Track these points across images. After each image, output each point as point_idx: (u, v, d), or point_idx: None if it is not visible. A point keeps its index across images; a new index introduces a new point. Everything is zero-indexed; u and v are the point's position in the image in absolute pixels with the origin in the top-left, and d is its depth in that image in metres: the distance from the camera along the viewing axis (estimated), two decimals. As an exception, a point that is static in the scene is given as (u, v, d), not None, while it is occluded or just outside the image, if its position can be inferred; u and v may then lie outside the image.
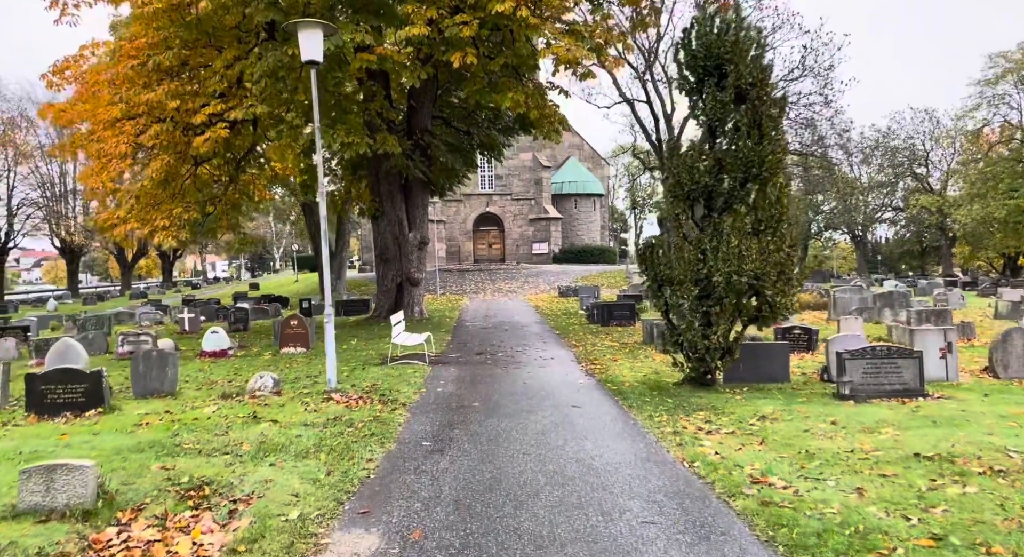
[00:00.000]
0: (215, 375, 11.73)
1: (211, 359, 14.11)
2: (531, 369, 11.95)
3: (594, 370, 11.76)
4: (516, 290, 35.79)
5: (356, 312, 24.91)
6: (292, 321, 14.95)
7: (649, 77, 39.44)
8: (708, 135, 9.67)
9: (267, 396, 9.07)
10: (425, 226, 21.20)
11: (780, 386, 10.08)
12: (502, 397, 9.33)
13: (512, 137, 22.46)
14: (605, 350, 14.27)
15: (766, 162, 9.09)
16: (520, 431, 7.29)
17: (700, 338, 9.49)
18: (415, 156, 19.49)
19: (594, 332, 17.74)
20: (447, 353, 14.34)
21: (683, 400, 9.03)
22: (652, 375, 11.06)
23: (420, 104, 19.81)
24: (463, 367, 12.30)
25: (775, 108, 9.26)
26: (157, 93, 14.28)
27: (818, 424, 7.43)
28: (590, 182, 55.03)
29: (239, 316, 20.06)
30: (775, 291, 9.24)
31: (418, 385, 10.29)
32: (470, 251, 53.36)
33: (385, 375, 11.23)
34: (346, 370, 11.92)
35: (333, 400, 8.87)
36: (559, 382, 10.59)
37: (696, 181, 9.39)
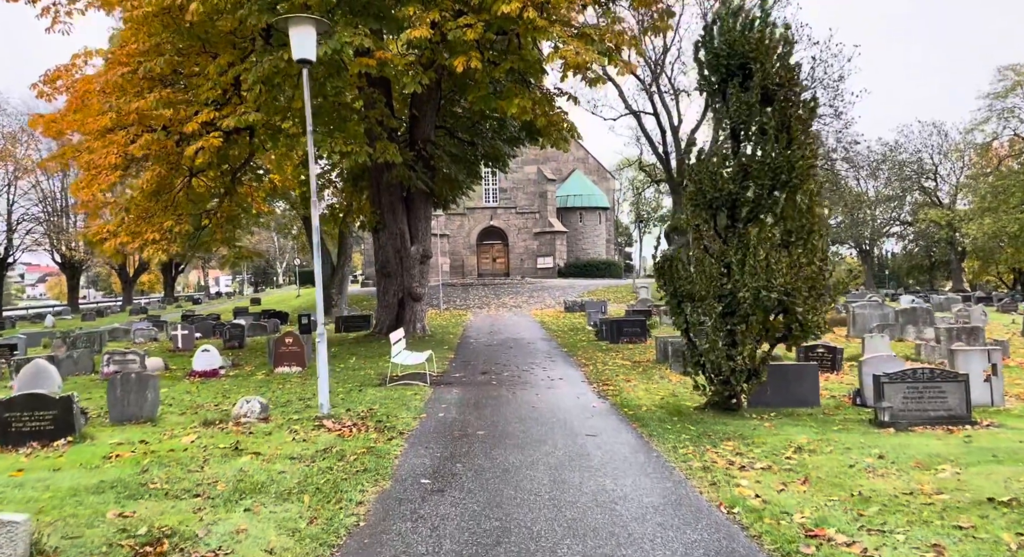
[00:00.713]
0: (202, 397, 10.99)
1: (201, 379, 13.37)
2: (539, 391, 11.19)
3: (607, 392, 10.98)
4: (521, 305, 35.04)
5: (357, 328, 24.19)
6: (287, 339, 14.22)
7: (656, 89, 38.97)
8: (732, 139, 8.97)
9: (253, 423, 8.31)
10: (428, 239, 20.52)
11: (810, 411, 9.30)
12: (509, 423, 8.56)
13: (517, 147, 21.83)
14: (617, 369, 13.49)
15: (796, 168, 8.37)
16: (531, 466, 6.52)
17: (724, 359, 8.72)
18: (417, 167, 18.84)
19: (604, 349, 16.96)
20: (450, 373, 13.57)
21: (707, 427, 8.25)
22: (670, 398, 10.28)
23: (423, 113, 19.19)
24: (467, 388, 11.53)
25: (804, 110, 8.56)
26: (147, 101, 13.67)
27: (863, 457, 6.65)
28: (595, 195, 54.42)
29: (234, 333, 19.35)
30: (806, 308, 8.49)
31: (418, 409, 9.53)
32: (474, 265, 52.69)
33: (383, 398, 10.47)
34: (342, 392, 11.17)
35: (325, 427, 8.12)
36: (570, 406, 9.82)
37: (720, 189, 8.67)
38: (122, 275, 62.15)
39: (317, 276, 8.58)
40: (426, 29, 11.97)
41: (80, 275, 57.38)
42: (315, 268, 8.50)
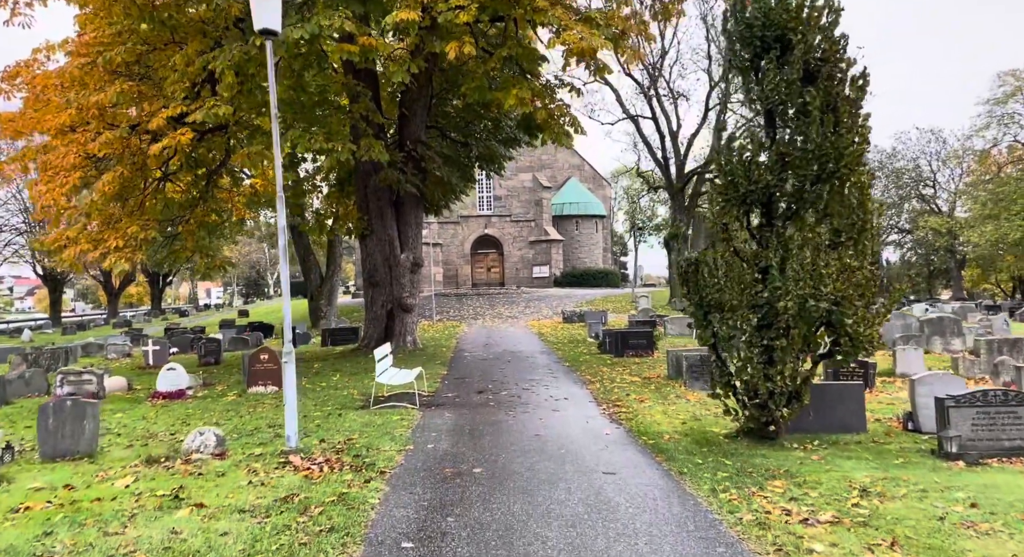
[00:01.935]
0: (159, 424, 9.64)
1: (164, 401, 12.02)
2: (543, 414, 9.89)
3: (619, 415, 9.69)
4: (517, 316, 33.75)
5: (344, 341, 22.84)
6: (262, 355, 12.89)
7: (654, 92, 37.94)
8: (766, 124, 7.75)
9: (206, 460, 6.99)
10: (419, 246, 19.25)
11: (857, 438, 8.04)
12: (511, 458, 7.26)
13: (514, 148, 20.62)
14: (627, 387, 12.21)
15: (844, 155, 7.16)
16: (541, 519, 5.23)
17: (761, 379, 7.47)
18: (407, 169, 17.59)
19: (609, 364, 15.69)
20: (442, 392, 12.26)
21: (744, 461, 6.97)
22: (693, 423, 9.00)
23: (412, 112, 17.97)
24: (461, 411, 10.23)
25: (853, 88, 7.35)
26: (108, 94, 12.40)
27: (950, 505, 5.39)
28: (591, 203, 53.31)
29: (210, 348, 17.98)
30: (856, 319, 7.25)
31: (404, 439, 8.21)
32: (468, 275, 51.41)
33: (365, 424, 9.15)
34: (319, 417, 9.85)
35: (291, 465, 6.80)
36: (580, 433, 8.52)
37: (755, 181, 7.44)
38: (107, 287, 60.61)
39: (284, 282, 7.28)
40: (414, 11, 10.75)
41: (62, 288, 55.73)
42: (281, 274, 7.23)
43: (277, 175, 7.27)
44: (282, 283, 7.22)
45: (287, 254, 7.24)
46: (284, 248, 7.25)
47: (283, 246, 7.26)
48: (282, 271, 7.24)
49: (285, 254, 7.25)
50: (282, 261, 7.25)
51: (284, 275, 7.25)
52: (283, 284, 7.26)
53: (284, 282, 7.27)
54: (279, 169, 7.26)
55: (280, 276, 7.25)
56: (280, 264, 7.25)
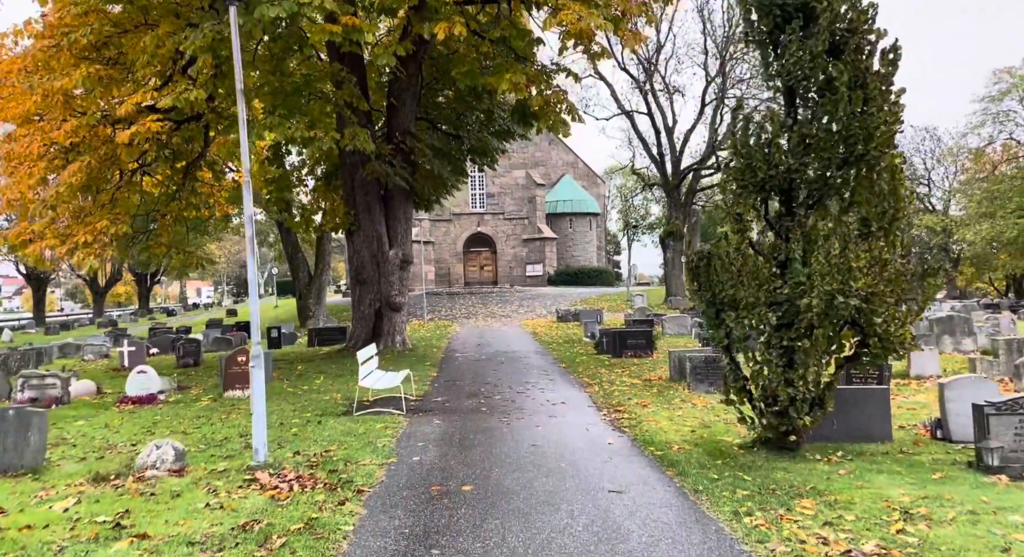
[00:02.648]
0: (121, 434, 8.85)
1: (133, 407, 11.23)
2: (539, 420, 9.15)
3: (622, 422, 8.97)
4: (510, 315, 33.02)
5: (332, 341, 22.04)
6: (239, 357, 12.10)
7: (649, 88, 37.24)
8: (786, 103, 7.04)
9: (162, 477, 6.21)
10: (408, 242, 18.48)
11: (883, 448, 7.35)
12: (505, 473, 6.52)
13: (507, 141, 19.87)
14: (627, 390, 11.50)
15: (874, 136, 6.45)
16: (541, 551, 4.49)
17: (781, 384, 6.75)
18: (396, 162, 16.83)
19: (607, 365, 14.97)
20: (431, 396, 11.51)
21: (765, 476, 6.26)
22: (702, 431, 8.28)
23: (401, 102, 17.20)
24: (450, 417, 9.48)
25: (883, 62, 6.64)
26: (72, 78, 11.58)
27: (1013, 533, 4.69)
28: (586, 201, 52.59)
29: (189, 349, 17.15)
30: (886, 318, 6.55)
31: (387, 450, 7.46)
32: (460, 273, 50.64)
33: (346, 433, 8.39)
34: (296, 425, 9.08)
35: (258, 483, 6.04)
36: (581, 443, 7.79)
37: (774, 165, 6.72)
38: (93, 286, 59.61)
39: (251, 277, 6.51)
40: (401, -12, 10.00)
41: (46, 287, 54.62)
42: (248, 269, 6.46)
43: (243, 155, 6.50)
44: (249, 278, 6.45)
45: (255, 246, 6.47)
46: (252, 239, 6.49)
47: (250, 236, 6.49)
48: (249, 265, 6.47)
49: (253, 246, 6.48)
50: (249, 254, 6.49)
51: (251, 269, 6.49)
52: (250, 279, 6.49)
53: (251, 277, 6.51)
54: (245, 150, 6.49)
55: (248, 272, 6.48)
56: (248, 257, 6.49)
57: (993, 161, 56.42)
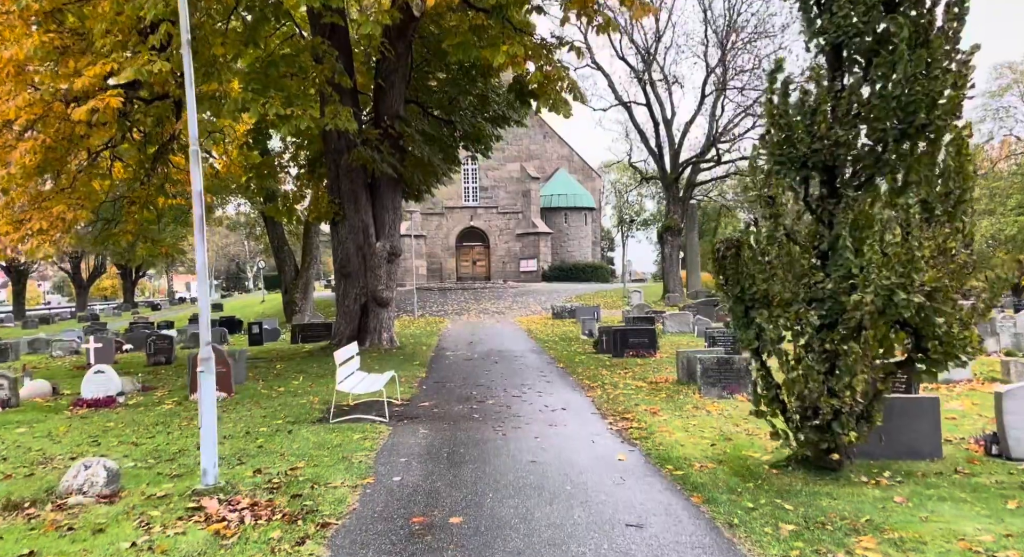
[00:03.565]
0: (63, 444, 7.80)
1: (88, 410, 10.17)
2: (538, 430, 8.15)
3: (631, 432, 7.98)
4: (504, 311, 32.01)
5: (316, 338, 20.97)
6: (208, 356, 11.01)
7: (648, 78, 36.22)
8: (829, 66, 6.03)
9: (88, 505, 5.18)
10: (396, 234, 17.43)
11: (936, 468, 6.37)
12: (500, 498, 5.52)
13: (503, 127, 18.81)
14: (632, 394, 10.51)
15: (940, 104, 5.47)
16: (546, 617, 3.49)
17: (824, 395, 5.78)
18: (383, 147, 15.77)
19: (608, 366, 13.98)
20: (418, 400, 10.49)
21: (809, 505, 5.28)
22: (723, 444, 7.30)
23: (390, 84, 16.13)
24: (439, 426, 8.47)
25: (948, 16, 5.64)
26: (24, 47, 10.46)
27: None
28: (581, 195, 51.60)
29: (161, 346, 16.06)
30: (949, 316, 5.58)
31: (364, 468, 6.44)
32: (453, 268, 49.56)
33: (318, 446, 7.36)
34: (264, 434, 8.05)
35: (203, 513, 5.01)
36: (587, 459, 6.79)
37: (820, 136, 5.73)
38: (75, 279, 58.25)
39: (200, 265, 5.46)
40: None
41: (25, 279, 53.21)
42: (197, 255, 5.42)
43: (190, 118, 5.44)
44: (198, 267, 5.41)
45: (203, 229, 5.42)
46: (201, 219, 5.44)
47: (199, 216, 5.44)
48: (198, 252, 5.43)
49: (202, 229, 5.43)
50: (197, 235, 5.44)
51: (200, 256, 5.44)
52: (199, 268, 5.44)
53: (201, 265, 5.46)
54: (192, 112, 5.43)
55: (197, 260, 5.44)
56: (196, 242, 5.45)
57: (992, 158, 55.84)
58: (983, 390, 10.49)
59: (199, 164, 5.46)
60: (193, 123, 5.45)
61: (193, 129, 5.46)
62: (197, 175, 5.47)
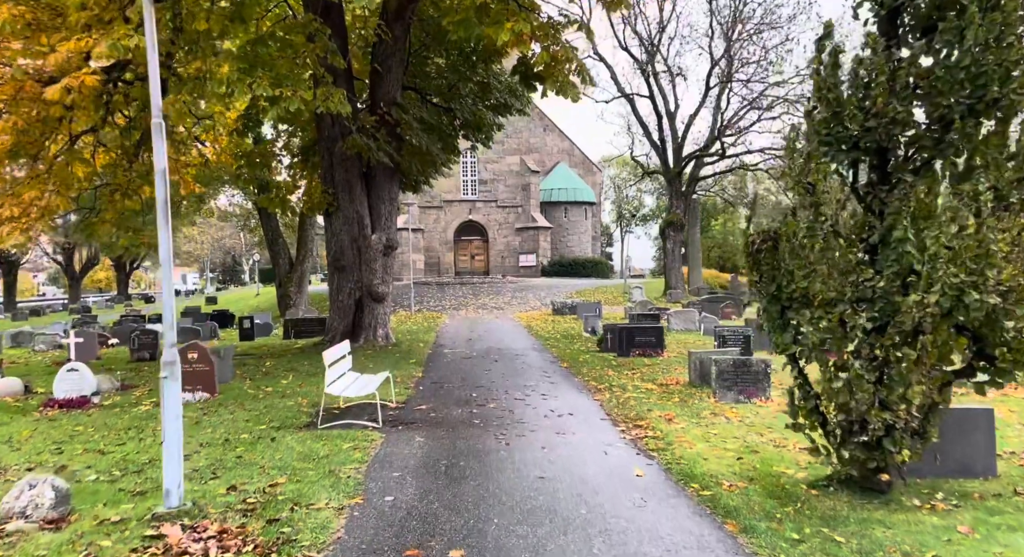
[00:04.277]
0: (22, 452, 7.10)
1: (59, 411, 9.47)
2: (544, 438, 7.46)
3: (647, 442, 7.30)
4: (503, 306, 31.33)
5: (309, 333, 20.28)
6: (190, 353, 10.33)
7: (651, 70, 35.46)
8: (886, 32, 5.32)
9: (29, 532, 4.47)
10: (393, 226, 16.71)
11: (993, 488, 5.71)
12: (507, 525, 4.83)
13: (504, 116, 18.08)
14: (643, 397, 9.83)
15: (1012, 77, 4.77)
16: None
17: (873, 407, 5.09)
18: (380, 135, 15.03)
19: (614, 365, 13.30)
20: (415, 403, 9.80)
21: (862, 535, 4.60)
22: (749, 457, 6.61)
23: (387, 68, 15.39)
24: (436, 433, 7.78)
25: (1024, -23, 4.94)
26: (-9, 20, 9.70)
27: None
28: (581, 189, 50.87)
29: (145, 341, 15.34)
30: (1019, 320, 4.89)
31: (352, 484, 5.74)
32: (451, 263, 48.84)
33: (303, 457, 6.67)
34: (244, 441, 7.35)
35: (162, 542, 4.32)
36: (601, 474, 6.10)
37: (872, 114, 5.02)
38: (68, 271, 57.45)
39: (164, 253, 4.75)
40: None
41: (16, 270, 52.38)
42: (160, 241, 4.70)
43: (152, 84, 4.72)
44: (161, 255, 4.70)
45: (167, 212, 4.71)
46: (164, 203, 4.72)
47: (162, 200, 4.73)
48: (161, 240, 4.71)
49: (166, 213, 4.72)
50: (161, 224, 4.73)
51: (164, 244, 4.73)
52: (163, 257, 4.73)
53: (164, 253, 4.74)
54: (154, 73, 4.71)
55: (160, 248, 4.73)
56: (160, 226, 4.73)
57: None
58: (1016, 395, 9.83)
59: (163, 138, 4.74)
60: (156, 91, 4.72)
61: (156, 98, 4.73)
62: (160, 150, 4.75)
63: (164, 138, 4.77)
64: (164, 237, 4.74)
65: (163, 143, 4.76)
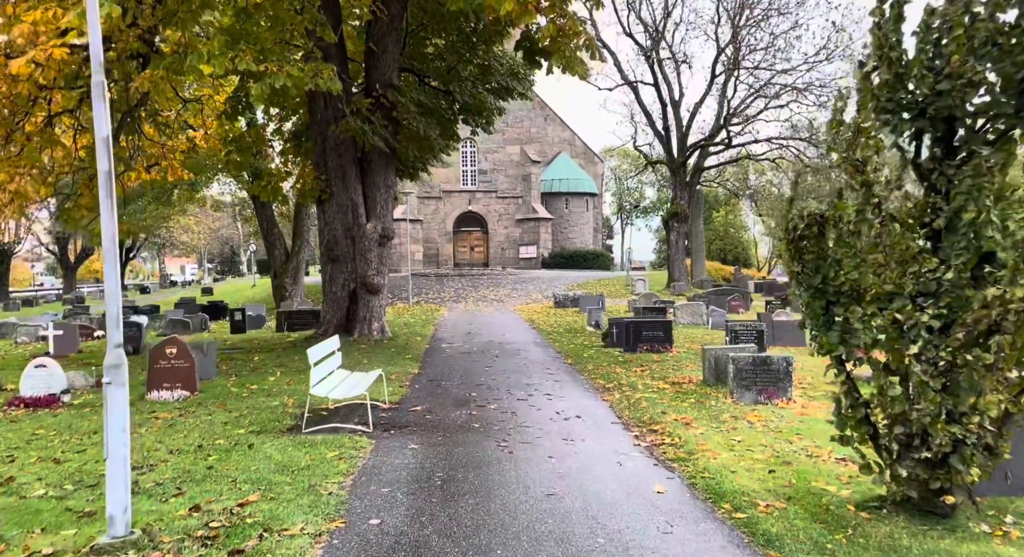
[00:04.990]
0: (-29, 460, 6.38)
1: (25, 411, 8.75)
2: (551, 446, 6.75)
3: (664, 450, 6.58)
4: (503, 299, 30.60)
5: (304, 326, 19.53)
6: (168, 348, 9.60)
7: (655, 57, 34.58)
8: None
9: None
10: (389, 214, 15.96)
11: (1065, 508, 4.98)
12: None
13: (505, 100, 17.29)
14: (656, 398, 9.11)
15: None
16: None
17: (939, 419, 4.37)
18: (375, 118, 14.26)
19: (621, 362, 12.58)
20: (409, 403, 9.08)
21: (930, 571, 3.88)
22: (782, 469, 5.89)
23: (383, 48, 14.60)
24: (432, 438, 7.07)
25: None
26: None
27: None
28: (582, 180, 50.02)
29: (128, 333, 14.59)
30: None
31: (334, 505, 5.03)
32: (450, 254, 48.06)
33: (281, 468, 5.95)
34: (219, 448, 6.63)
35: (100, 582, 3.59)
36: (617, 491, 5.39)
37: (945, 74, 4.27)
38: (62, 261, 56.68)
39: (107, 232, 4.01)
40: None
41: (9, 259, 51.64)
42: (103, 226, 3.98)
43: (93, 40, 3.97)
44: (103, 235, 3.98)
45: (111, 187, 3.97)
46: (107, 175, 3.98)
47: (104, 172, 3.98)
48: (103, 217, 3.98)
49: (109, 186, 3.98)
50: (104, 200, 3.99)
51: (107, 223, 3.99)
52: (105, 240, 4.00)
53: (107, 234, 4.01)
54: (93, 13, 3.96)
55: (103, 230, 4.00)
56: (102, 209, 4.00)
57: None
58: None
59: (105, 100, 4.00)
60: (97, 41, 3.96)
61: (96, 49, 3.97)
62: (102, 114, 4.00)
63: (106, 100, 4.02)
64: (107, 216, 4.00)
65: (104, 105, 4.01)
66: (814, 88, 33.47)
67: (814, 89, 33.50)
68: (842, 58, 33.85)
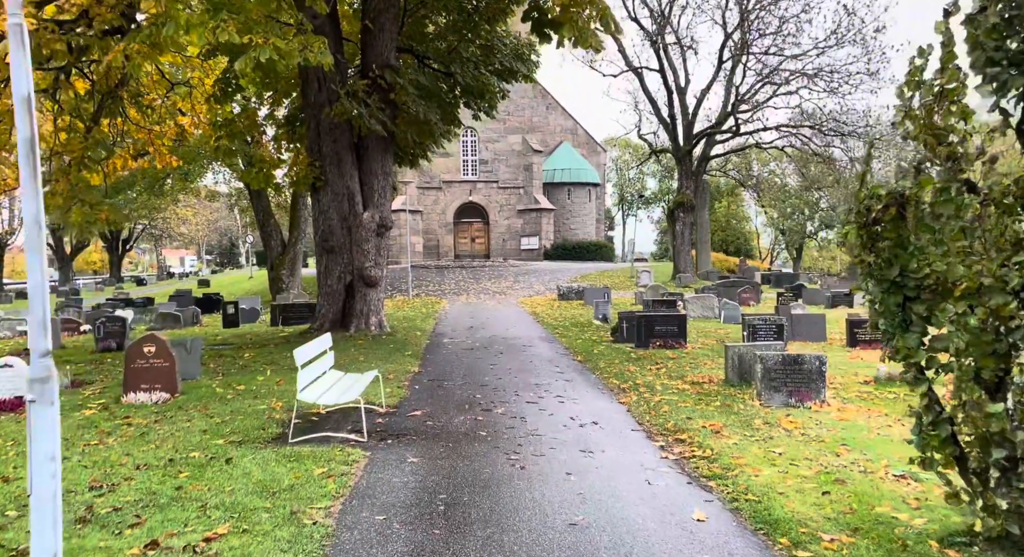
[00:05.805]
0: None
1: (-14, 417, 7.98)
2: (569, 460, 5.97)
3: (695, 465, 5.80)
4: (505, 291, 29.83)
5: (298, 320, 18.76)
6: (146, 347, 8.81)
7: (661, 42, 33.63)
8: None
9: None
10: (387, 203, 15.15)
11: None
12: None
13: (509, 82, 16.44)
14: (677, 401, 8.33)
15: None
16: None
17: (1051, 442, 3.58)
18: (372, 101, 13.43)
19: (634, 359, 11.82)
20: (408, 406, 8.31)
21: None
22: (835, 488, 5.11)
23: (379, 26, 13.75)
24: (433, 451, 6.29)
25: None
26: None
27: None
28: (585, 170, 49.13)
29: (112, 329, 13.82)
30: None
31: (318, 538, 4.25)
32: (450, 246, 47.23)
33: (260, 489, 5.17)
34: (194, 462, 5.85)
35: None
36: (650, 520, 4.61)
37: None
38: (58, 253, 55.88)
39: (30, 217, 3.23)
40: None
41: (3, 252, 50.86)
42: (25, 213, 3.18)
43: None
44: (25, 214, 3.19)
45: (33, 158, 3.16)
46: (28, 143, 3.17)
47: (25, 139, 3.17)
48: (25, 193, 3.17)
49: (30, 156, 3.17)
50: (25, 171, 3.18)
51: (29, 200, 3.19)
52: (27, 218, 3.21)
53: (29, 213, 3.21)
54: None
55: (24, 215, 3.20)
56: (23, 180, 3.18)
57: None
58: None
59: (25, 47, 3.19)
60: None
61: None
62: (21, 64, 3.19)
63: (26, 47, 3.19)
64: (30, 192, 3.19)
65: (24, 54, 3.19)
66: (824, 74, 32.56)
67: (824, 75, 32.59)
68: (853, 43, 32.91)
